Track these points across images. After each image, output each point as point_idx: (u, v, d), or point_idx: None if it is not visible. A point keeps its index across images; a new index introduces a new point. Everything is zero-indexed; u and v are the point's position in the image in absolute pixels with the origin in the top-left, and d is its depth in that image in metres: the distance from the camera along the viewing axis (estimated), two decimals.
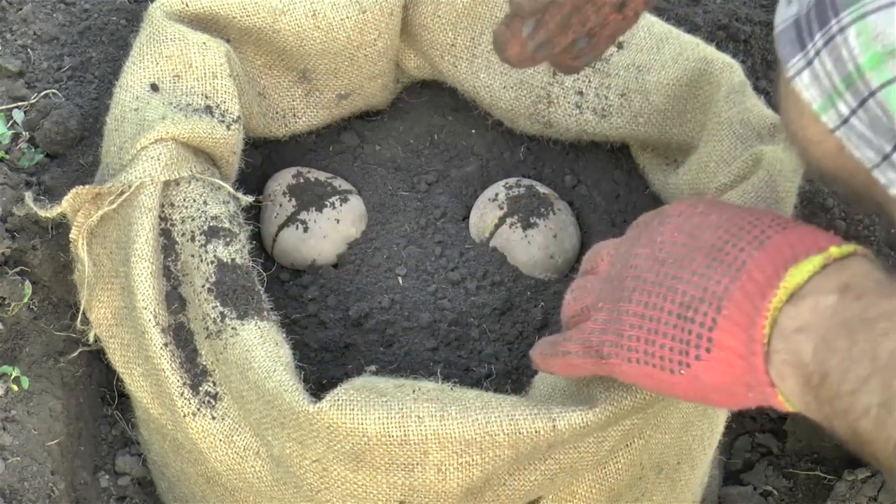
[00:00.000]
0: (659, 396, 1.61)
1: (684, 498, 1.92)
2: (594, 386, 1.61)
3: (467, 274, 2.00)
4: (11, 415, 1.87)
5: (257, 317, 1.69)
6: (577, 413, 1.56)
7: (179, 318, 1.74)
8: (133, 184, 1.73)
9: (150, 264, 1.72)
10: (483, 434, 1.55)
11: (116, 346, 1.80)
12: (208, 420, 1.71)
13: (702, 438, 1.88)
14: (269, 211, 2.05)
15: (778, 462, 2.13)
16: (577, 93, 2.02)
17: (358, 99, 2.13)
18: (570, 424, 1.56)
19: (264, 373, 1.61)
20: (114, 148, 1.82)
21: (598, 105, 2.01)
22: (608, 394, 1.59)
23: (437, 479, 1.58)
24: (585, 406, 1.58)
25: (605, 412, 1.58)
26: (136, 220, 1.73)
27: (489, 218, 2.03)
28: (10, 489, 1.79)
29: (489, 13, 2.05)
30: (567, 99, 2.03)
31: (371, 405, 1.56)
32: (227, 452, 1.71)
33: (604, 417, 1.58)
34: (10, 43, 2.17)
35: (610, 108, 2.00)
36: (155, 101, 1.82)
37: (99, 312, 1.80)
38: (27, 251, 1.93)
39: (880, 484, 1.95)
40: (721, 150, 1.83)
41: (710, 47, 1.95)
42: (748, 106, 1.86)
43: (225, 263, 1.73)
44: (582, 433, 1.58)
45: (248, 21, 1.94)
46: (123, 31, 2.23)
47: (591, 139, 2.08)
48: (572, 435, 1.58)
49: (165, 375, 1.71)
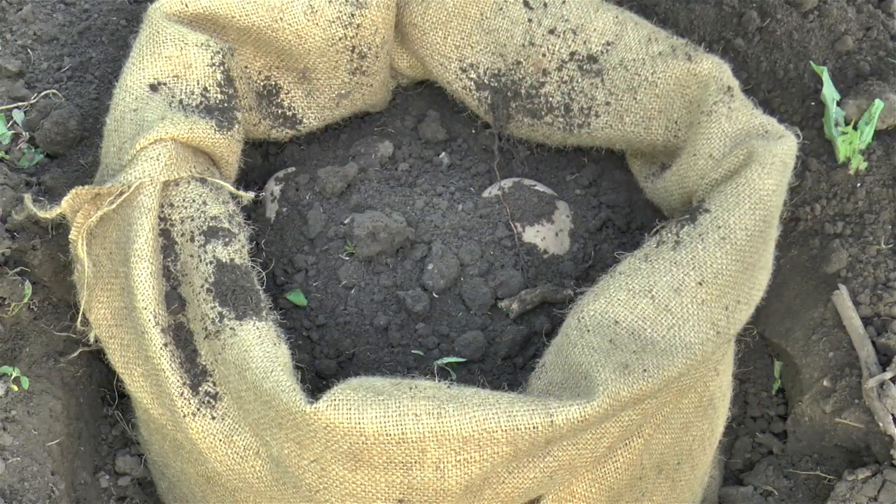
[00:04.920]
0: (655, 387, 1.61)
1: (684, 498, 1.92)
2: (591, 378, 1.62)
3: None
4: (11, 415, 1.87)
5: (255, 317, 1.70)
6: (575, 407, 1.57)
7: (179, 318, 1.75)
8: (132, 184, 1.73)
9: (149, 264, 1.72)
10: (481, 431, 1.55)
11: (116, 346, 1.80)
12: (208, 420, 1.71)
13: (702, 438, 1.88)
14: None
15: (778, 462, 2.13)
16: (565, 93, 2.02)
17: (357, 99, 2.14)
18: (568, 419, 1.56)
19: (262, 373, 1.61)
20: (113, 148, 1.82)
21: (584, 104, 2.01)
22: (605, 387, 1.59)
23: (435, 476, 1.58)
24: (583, 400, 1.58)
25: (603, 405, 1.58)
26: (136, 221, 1.73)
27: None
28: (10, 489, 1.79)
29: (479, 13, 2.05)
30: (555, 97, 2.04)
31: (368, 404, 1.56)
32: (227, 452, 1.72)
33: (601, 410, 1.58)
34: (10, 43, 2.18)
35: (597, 106, 2.01)
36: (154, 102, 1.83)
37: (99, 313, 1.80)
38: (27, 251, 1.94)
39: (880, 484, 1.95)
40: (710, 147, 1.84)
41: (699, 48, 1.96)
42: (737, 105, 1.86)
43: (224, 263, 1.74)
44: (580, 427, 1.58)
45: (248, 20, 1.95)
46: (123, 32, 2.24)
47: (577, 143, 2.08)
48: (570, 430, 1.58)
49: (165, 375, 1.71)
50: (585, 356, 1.66)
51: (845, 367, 2.06)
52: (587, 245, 2.05)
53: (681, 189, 1.89)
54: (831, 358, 2.08)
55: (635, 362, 1.63)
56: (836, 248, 2.13)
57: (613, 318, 1.69)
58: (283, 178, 2.13)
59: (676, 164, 1.91)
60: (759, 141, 1.79)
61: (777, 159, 1.77)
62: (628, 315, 1.69)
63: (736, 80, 1.90)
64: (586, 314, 1.71)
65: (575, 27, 1.99)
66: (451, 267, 1.99)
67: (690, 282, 1.70)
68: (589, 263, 2.04)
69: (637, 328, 1.67)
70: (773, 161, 1.76)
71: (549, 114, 2.05)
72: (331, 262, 2.02)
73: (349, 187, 2.10)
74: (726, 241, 1.72)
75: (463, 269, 2.00)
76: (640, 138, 1.99)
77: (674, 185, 1.91)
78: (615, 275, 1.75)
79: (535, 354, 1.93)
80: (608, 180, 2.13)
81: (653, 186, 2.00)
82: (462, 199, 2.09)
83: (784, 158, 1.79)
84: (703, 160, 1.85)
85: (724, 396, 1.92)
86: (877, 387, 1.98)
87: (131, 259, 1.72)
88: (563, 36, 2.00)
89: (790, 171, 1.80)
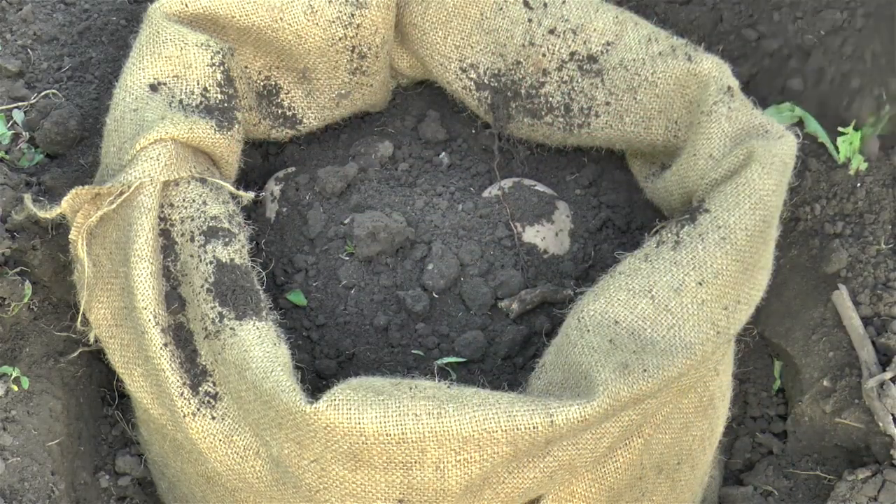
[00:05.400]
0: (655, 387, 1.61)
1: (684, 498, 1.92)
2: (591, 378, 1.62)
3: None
4: (11, 415, 1.87)
5: (255, 317, 1.69)
6: (575, 407, 1.56)
7: (179, 318, 1.74)
8: (132, 184, 1.73)
9: (149, 264, 1.72)
10: (481, 431, 1.54)
11: (116, 346, 1.80)
12: (208, 420, 1.71)
13: (702, 439, 1.87)
14: None
15: (778, 462, 2.13)
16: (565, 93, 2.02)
17: (357, 99, 2.14)
18: (568, 419, 1.56)
19: (262, 373, 1.61)
20: (113, 148, 1.82)
21: (584, 104, 2.01)
22: (605, 387, 1.59)
23: (435, 476, 1.58)
24: (583, 400, 1.58)
25: (603, 405, 1.57)
26: (136, 221, 1.73)
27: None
28: (10, 489, 1.79)
29: (479, 13, 2.05)
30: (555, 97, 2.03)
31: (368, 404, 1.56)
32: (227, 452, 1.71)
33: (601, 410, 1.58)
34: (10, 43, 2.18)
35: (597, 106, 2.01)
36: (154, 102, 1.82)
37: (99, 313, 1.80)
38: (27, 251, 1.94)
39: (880, 484, 1.95)
40: (710, 148, 1.84)
41: (699, 48, 1.96)
42: (737, 105, 1.86)
43: (224, 263, 1.74)
44: (580, 427, 1.58)
45: (248, 20, 1.95)
46: (123, 31, 2.24)
47: (577, 143, 2.08)
48: (570, 430, 1.57)
49: (165, 376, 1.71)
50: (585, 356, 1.66)
51: (845, 367, 2.06)
52: (587, 245, 2.05)
53: (681, 189, 1.89)
54: (831, 358, 2.08)
55: (635, 362, 1.63)
56: (835, 248, 2.13)
57: (613, 318, 1.69)
58: (283, 178, 2.13)
59: (676, 164, 1.91)
60: (759, 141, 1.79)
61: (777, 159, 1.77)
62: (628, 315, 1.69)
63: (736, 80, 1.90)
64: (586, 314, 1.71)
65: (575, 27, 1.99)
66: (451, 267, 1.99)
67: (690, 282, 1.69)
68: (589, 263, 2.04)
69: (637, 328, 1.67)
70: (772, 161, 1.76)
71: (549, 114, 2.06)
72: (331, 262, 2.02)
73: (349, 187, 2.10)
74: (726, 241, 1.72)
75: (463, 269, 2.00)
76: (640, 138, 1.99)
77: (674, 185, 1.91)
78: (615, 275, 1.75)
79: (535, 354, 1.93)
80: (608, 180, 2.14)
81: (653, 186, 2.00)
82: (462, 199, 2.09)
83: (784, 158, 1.79)
84: (703, 160, 1.85)
85: (724, 396, 1.92)
86: (877, 387, 1.98)
87: (131, 259, 1.72)
88: (563, 36, 2.00)
89: (790, 170, 1.80)
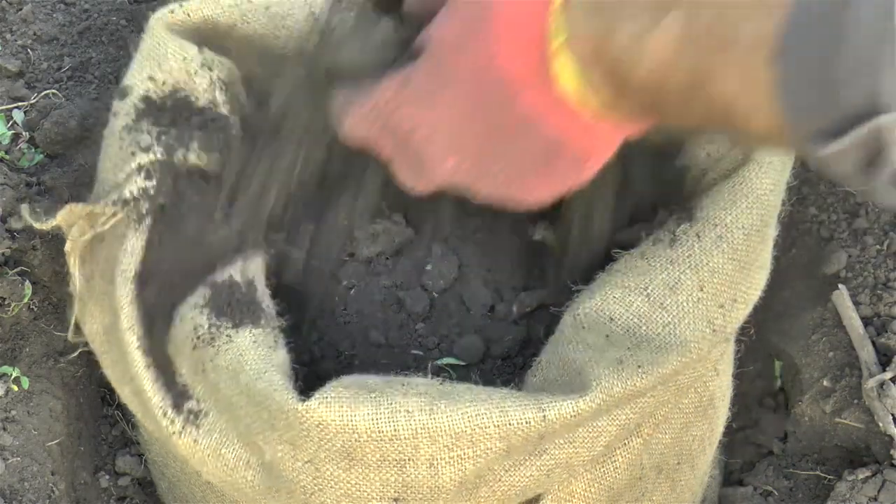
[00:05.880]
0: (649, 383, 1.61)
1: (684, 498, 1.91)
2: (585, 374, 1.61)
3: None
4: (11, 415, 1.88)
5: (253, 325, 1.67)
6: (567, 402, 1.56)
7: None
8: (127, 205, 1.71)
9: (135, 286, 1.70)
10: (473, 426, 1.54)
11: (109, 362, 1.79)
12: (193, 437, 1.68)
13: (702, 439, 1.87)
14: None
15: (778, 462, 2.12)
16: None
17: None
18: (561, 414, 1.55)
19: (255, 374, 1.60)
20: (109, 163, 1.80)
21: None
22: (598, 382, 1.59)
23: (429, 474, 1.57)
24: (576, 395, 1.58)
25: (596, 400, 1.57)
26: (127, 241, 1.71)
27: None
28: (10, 489, 1.79)
29: None
30: None
31: (360, 401, 1.55)
32: (217, 465, 1.69)
33: (594, 405, 1.57)
34: (10, 43, 2.18)
35: None
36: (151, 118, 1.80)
37: (91, 328, 1.79)
38: (27, 251, 1.94)
39: (880, 484, 1.94)
40: (710, 147, 1.83)
41: None
42: None
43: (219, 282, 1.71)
44: (573, 423, 1.58)
45: (249, 28, 1.93)
46: (123, 32, 2.24)
47: None
48: (563, 425, 1.57)
49: (148, 396, 1.69)
50: (580, 353, 1.66)
51: (845, 367, 2.05)
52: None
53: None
54: (831, 358, 2.08)
55: (629, 358, 1.62)
56: (835, 248, 2.13)
57: (608, 315, 1.68)
58: None
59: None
60: None
61: (775, 158, 1.77)
62: (623, 312, 1.68)
63: None
64: (582, 311, 1.71)
65: None
66: (451, 267, 1.99)
67: (686, 279, 1.69)
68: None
69: (632, 325, 1.67)
70: (770, 160, 1.76)
71: None
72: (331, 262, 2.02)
73: None
74: (723, 239, 1.71)
75: (463, 270, 2.00)
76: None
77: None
78: (612, 272, 1.75)
79: (534, 354, 1.92)
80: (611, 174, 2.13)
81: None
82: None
83: (782, 157, 1.78)
84: (703, 160, 1.84)
85: (724, 396, 1.91)
86: (877, 387, 1.98)
87: (117, 279, 1.70)
88: None
89: (788, 170, 1.80)
